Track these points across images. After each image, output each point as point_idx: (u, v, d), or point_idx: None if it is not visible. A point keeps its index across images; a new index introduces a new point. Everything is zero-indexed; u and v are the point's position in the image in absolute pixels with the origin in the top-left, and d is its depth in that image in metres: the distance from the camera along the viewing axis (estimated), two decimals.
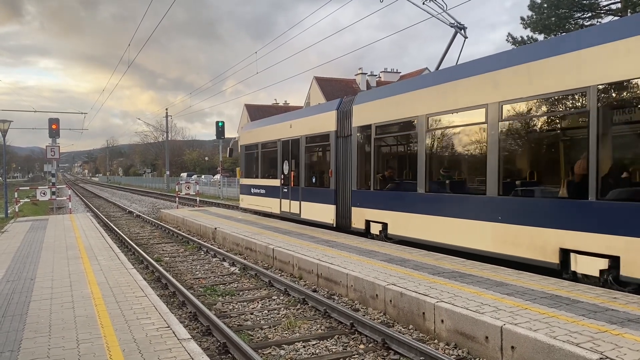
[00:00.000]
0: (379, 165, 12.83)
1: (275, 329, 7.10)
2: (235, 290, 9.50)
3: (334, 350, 6.29)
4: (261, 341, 6.64)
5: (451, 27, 12.87)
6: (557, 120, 8.54)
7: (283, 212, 17.66)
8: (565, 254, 7.92)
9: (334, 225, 14.54)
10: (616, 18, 25.05)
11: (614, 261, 7.20)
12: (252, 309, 8.23)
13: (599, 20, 25.74)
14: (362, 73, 60.09)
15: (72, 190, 35.58)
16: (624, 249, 7.01)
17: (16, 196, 22.62)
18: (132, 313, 6.41)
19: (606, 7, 25.84)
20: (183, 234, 17.01)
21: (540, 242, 8.26)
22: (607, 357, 4.57)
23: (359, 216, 13.36)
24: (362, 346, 6.39)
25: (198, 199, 27.67)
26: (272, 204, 18.62)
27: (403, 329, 6.87)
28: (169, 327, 5.85)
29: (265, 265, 11.62)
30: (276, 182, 18.16)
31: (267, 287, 9.67)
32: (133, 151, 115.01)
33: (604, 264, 7.32)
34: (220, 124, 33.61)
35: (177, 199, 28.73)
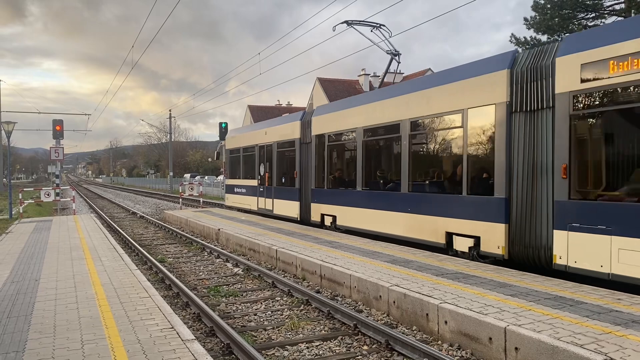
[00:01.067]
0: (331, 168, 15.32)
1: (278, 330, 7.11)
2: (238, 291, 9.51)
3: (337, 351, 6.30)
4: (265, 342, 6.65)
5: (387, 53, 15.36)
6: (445, 135, 10.71)
7: (260, 208, 20.08)
8: (449, 236, 10.31)
9: (298, 219, 16.93)
10: (619, 19, 25.00)
11: (477, 240, 9.61)
12: (256, 309, 8.24)
13: (603, 20, 25.69)
14: (365, 74, 60.07)
15: (76, 191, 35.69)
16: (482, 231, 9.46)
17: (20, 197, 22.69)
18: (136, 314, 6.43)
19: (610, 8, 25.79)
20: (186, 234, 17.05)
21: (435, 227, 10.64)
22: (612, 359, 4.57)
23: (316, 210, 15.85)
24: (365, 347, 6.40)
25: (201, 200, 27.69)
26: (251, 202, 21.09)
27: (407, 330, 6.87)
28: (172, 328, 5.86)
29: (269, 266, 11.64)
30: (254, 182, 20.69)
31: (270, 288, 9.68)
32: (136, 152, 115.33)
33: (471, 242, 9.75)
34: (223, 125, 33.63)
35: (180, 200, 28.79)
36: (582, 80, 7.71)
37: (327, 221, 15.23)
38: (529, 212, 8.62)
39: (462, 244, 9.97)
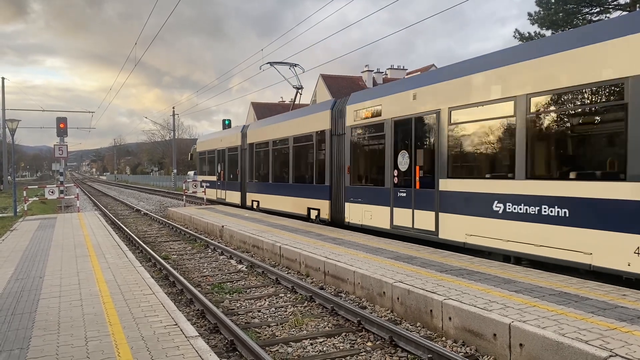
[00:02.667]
0: (257, 167, 21.25)
1: (282, 327, 7.10)
2: (242, 287, 9.52)
3: (341, 347, 6.29)
4: (268, 339, 6.65)
5: (294, 87, 21.17)
6: (308, 146, 16.61)
7: (218, 198, 25.86)
8: (308, 210, 16.53)
9: (240, 205, 22.97)
10: (624, 13, 24.84)
11: (319, 211, 15.79)
12: (260, 306, 8.24)
13: (607, 15, 25.50)
14: (368, 70, 59.92)
15: (80, 189, 35.76)
16: (320, 205, 15.66)
17: (25, 195, 22.75)
18: (140, 311, 6.44)
19: (614, 2, 25.62)
20: (190, 232, 17.07)
21: (302, 204, 16.87)
22: (617, 355, 4.54)
23: (249, 198, 22.09)
24: (369, 344, 6.39)
25: (205, 197, 27.69)
26: (213, 193, 26.91)
27: (410, 327, 6.86)
28: (176, 324, 5.86)
29: (273, 263, 11.64)
30: (214, 178, 26.57)
31: (274, 284, 9.68)
32: (140, 150, 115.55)
33: (316, 212, 15.96)
34: (227, 122, 33.70)
35: (184, 197, 28.81)
36: (355, 120, 13.83)
37: (254, 205, 21.40)
38: (337, 193, 14.93)
39: (313, 214, 16.22)
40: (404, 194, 11.74)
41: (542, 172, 8.75)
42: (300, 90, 20.52)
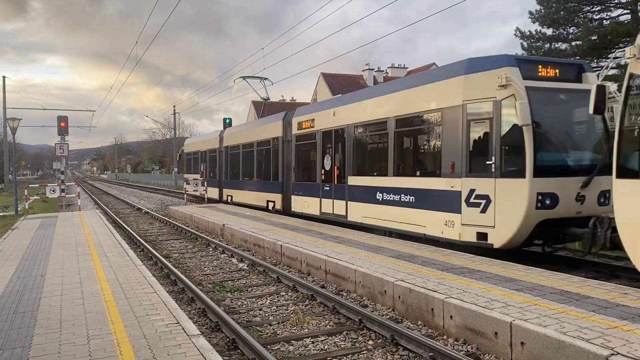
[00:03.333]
0: (232, 166, 24.76)
1: (284, 325, 7.11)
2: (243, 286, 9.53)
3: (342, 346, 6.30)
4: (270, 337, 6.66)
5: (262, 99, 25.85)
6: (267, 151, 20.01)
7: (201, 194, 28.15)
8: (267, 202, 19.85)
9: (218, 200, 26.22)
10: (625, 11, 24.82)
11: (274, 203, 19.08)
12: (261, 305, 8.25)
13: (608, 13, 25.47)
14: (369, 69, 59.87)
15: (81, 188, 35.76)
16: (275, 198, 19.01)
17: (26, 193, 22.77)
18: (141, 309, 6.45)
19: (616, 1, 25.56)
20: (191, 230, 17.08)
21: (263, 198, 20.27)
22: (618, 353, 4.54)
23: (225, 194, 25.57)
24: (370, 342, 6.39)
25: (206, 196, 27.70)
26: (195, 189, 29.58)
27: (412, 325, 6.87)
28: (178, 323, 5.88)
29: (274, 261, 11.65)
30: (197, 176, 29.89)
31: (275, 283, 9.69)
32: (141, 148, 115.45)
33: (272, 204, 19.26)
34: (227, 120, 33.64)
35: (185, 195, 28.83)
36: (297, 129, 17.21)
37: (229, 199, 24.93)
38: (287, 188, 18.17)
39: (270, 205, 19.57)
40: (328, 188, 15.41)
41: (401, 171, 12.24)
42: (266, 101, 25.13)
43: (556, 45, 25.57)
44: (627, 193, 6.80)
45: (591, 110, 7.84)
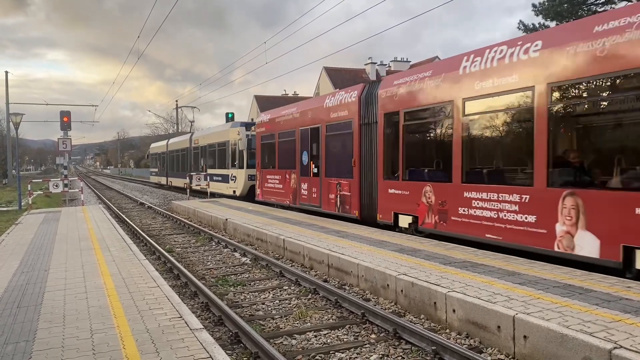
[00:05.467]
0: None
1: (286, 319, 7.12)
2: (246, 280, 9.55)
3: (345, 340, 6.31)
4: (273, 331, 6.67)
5: (190, 121, 39.42)
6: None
7: (167, 184, 38.76)
8: (233, 190, 25.34)
9: (191, 187, 29.16)
10: (629, 4, 24.59)
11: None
12: (264, 299, 8.26)
13: (613, 5, 25.28)
14: (371, 62, 59.70)
15: (84, 183, 35.86)
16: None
17: (29, 188, 22.83)
18: (144, 303, 6.47)
19: None
20: (194, 225, 17.11)
21: (184, 183, 31.37)
22: (621, 347, 4.53)
23: (193, 184, 28.10)
24: (373, 336, 6.40)
25: (209, 190, 27.75)
26: (160, 180, 41.64)
27: (414, 319, 6.87)
28: (181, 317, 5.89)
29: (276, 255, 11.66)
30: (155, 170, 42.90)
31: (278, 277, 9.70)
32: (144, 143, 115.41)
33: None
34: (230, 115, 33.64)
35: (187, 190, 28.86)
36: (196, 142, 33.01)
37: (196, 188, 29.13)
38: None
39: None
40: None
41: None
42: (192, 123, 39.31)
43: None
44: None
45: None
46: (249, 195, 23.23)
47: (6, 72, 45.58)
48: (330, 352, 5.90)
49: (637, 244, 7.03)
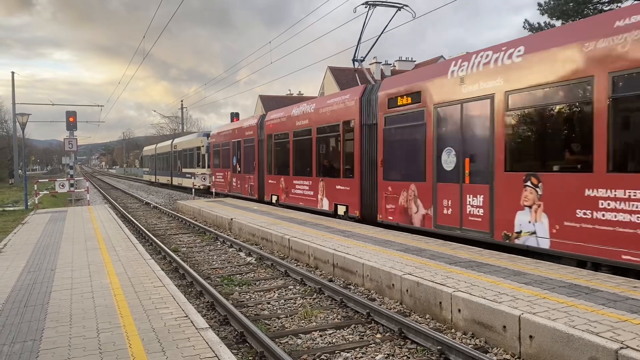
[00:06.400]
0: (175, 163, 38.72)
1: (292, 319, 7.13)
2: (251, 280, 9.56)
3: (350, 339, 6.31)
4: (278, 330, 6.68)
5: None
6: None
7: (156, 181, 46.36)
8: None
9: (170, 184, 40.35)
10: (635, 2, 24.44)
11: (208, 187, 29.54)
12: (269, 298, 8.28)
13: (618, 4, 25.15)
14: (376, 62, 59.64)
15: (90, 182, 36.02)
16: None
17: (36, 188, 22.97)
18: (150, 303, 6.49)
19: None
20: (199, 224, 17.14)
21: (190, 182, 35.80)
22: (628, 347, 4.52)
23: (175, 181, 37.61)
24: (378, 335, 6.40)
25: (214, 190, 27.82)
26: (150, 178, 49.44)
27: (420, 319, 6.87)
28: (187, 316, 5.91)
29: (281, 255, 11.67)
30: (147, 169, 53.31)
31: (283, 277, 9.71)
32: (149, 143, 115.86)
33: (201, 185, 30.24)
34: (235, 115, 33.70)
35: (193, 190, 28.94)
36: (177, 146, 38.83)
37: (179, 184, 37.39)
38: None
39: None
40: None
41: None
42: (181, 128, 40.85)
43: None
44: None
45: None
46: (209, 189, 29.77)
47: (12, 73, 45.82)
48: (336, 351, 5.91)
49: (337, 202, 14.91)
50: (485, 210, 9.45)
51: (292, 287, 8.92)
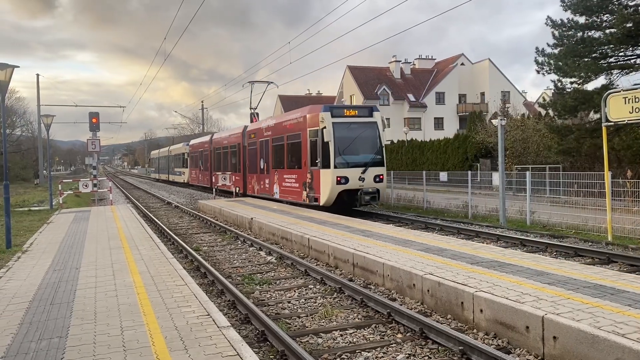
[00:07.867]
0: (168, 165, 53.72)
1: (312, 318, 7.15)
2: (272, 279, 9.60)
3: (371, 339, 6.30)
4: (299, 329, 6.70)
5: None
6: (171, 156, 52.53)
7: (159, 178, 59.33)
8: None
9: (168, 180, 52.98)
10: None
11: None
12: (289, 297, 8.30)
13: None
14: (396, 61, 59.41)
15: (112, 182, 36.54)
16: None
17: (60, 188, 23.38)
18: (173, 301, 6.57)
19: None
20: (220, 224, 17.27)
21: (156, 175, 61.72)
22: None
23: (171, 178, 50.67)
24: (399, 335, 6.38)
25: (234, 189, 27.99)
26: (155, 176, 62.28)
27: (441, 319, 6.82)
28: (209, 315, 5.96)
29: (301, 254, 11.70)
30: (153, 169, 66.39)
31: (303, 276, 9.74)
32: (170, 143, 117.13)
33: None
34: (254, 115, 33.85)
35: (214, 190, 29.16)
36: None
37: (179, 181, 47.56)
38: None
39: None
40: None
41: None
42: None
43: (589, 33, 24.78)
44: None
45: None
46: (190, 183, 42.01)
47: (37, 75, 46.72)
48: (357, 351, 5.90)
49: (237, 185, 27.81)
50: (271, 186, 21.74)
51: (312, 286, 8.94)
